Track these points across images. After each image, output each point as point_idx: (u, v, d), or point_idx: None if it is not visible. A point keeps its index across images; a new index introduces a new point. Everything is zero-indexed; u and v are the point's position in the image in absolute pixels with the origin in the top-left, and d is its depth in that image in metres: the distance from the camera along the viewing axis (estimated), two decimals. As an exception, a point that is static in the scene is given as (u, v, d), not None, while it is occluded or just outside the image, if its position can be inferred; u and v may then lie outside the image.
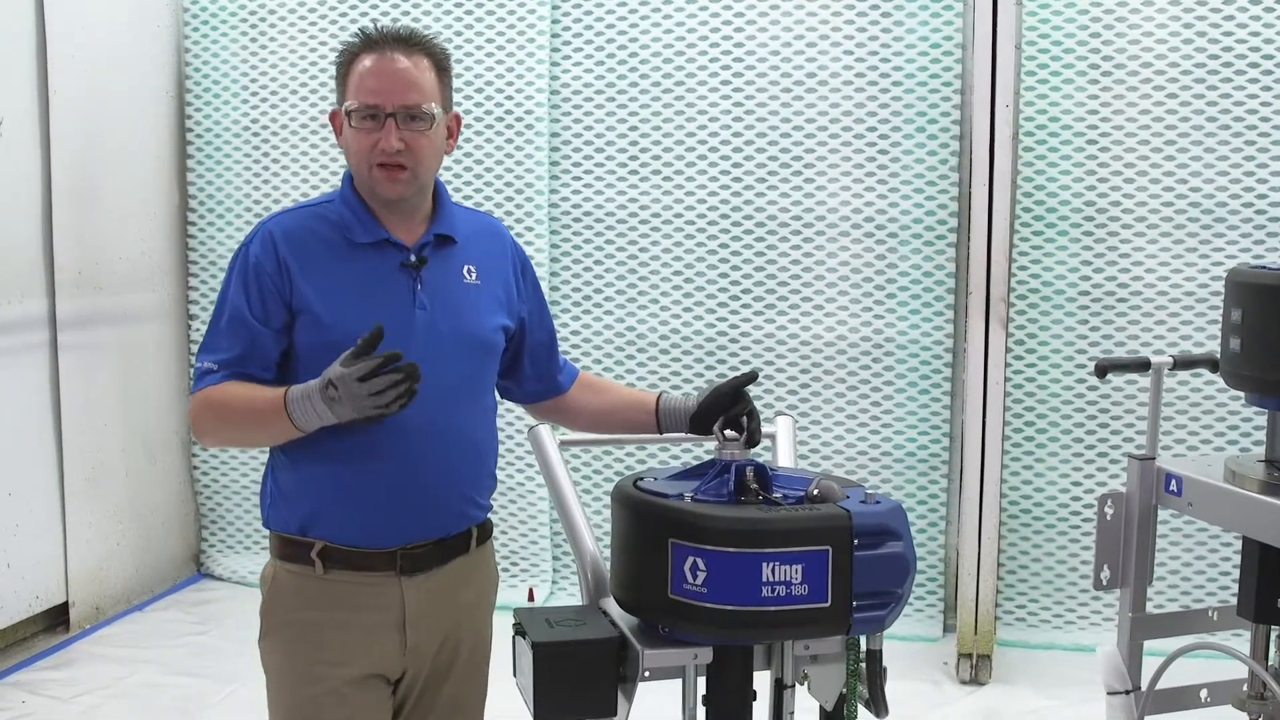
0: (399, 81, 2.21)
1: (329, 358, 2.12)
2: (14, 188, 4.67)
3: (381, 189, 2.24)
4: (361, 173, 2.25)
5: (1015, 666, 4.67)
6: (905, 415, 5.01)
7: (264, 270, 2.22)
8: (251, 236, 2.28)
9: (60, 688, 4.41)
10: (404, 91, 2.21)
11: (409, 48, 2.25)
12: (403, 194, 2.25)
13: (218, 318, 2.27)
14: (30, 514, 4.73)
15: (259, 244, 2.25)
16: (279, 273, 2.22)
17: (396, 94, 2.20)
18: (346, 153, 2.29)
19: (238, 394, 2.20)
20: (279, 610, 2.31)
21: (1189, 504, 2.56)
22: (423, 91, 2.23)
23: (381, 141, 2.20)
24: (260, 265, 2.23)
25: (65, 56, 4.83)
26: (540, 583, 5.34)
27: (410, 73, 2.22)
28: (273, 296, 2.22)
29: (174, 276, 5.61)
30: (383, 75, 2.21)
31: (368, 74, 2.22)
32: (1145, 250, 4.77)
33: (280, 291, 2.22)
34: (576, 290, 5.29)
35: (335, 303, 2.22)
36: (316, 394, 2.07)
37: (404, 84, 2.21)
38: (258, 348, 2.23)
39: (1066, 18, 4.73)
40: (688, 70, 5.10)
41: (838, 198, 5.00)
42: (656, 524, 2.03)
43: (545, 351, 2.53)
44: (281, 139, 5.52)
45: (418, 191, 2.29)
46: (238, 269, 2.26)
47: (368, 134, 2.21)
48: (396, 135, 2.20)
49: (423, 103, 2.22)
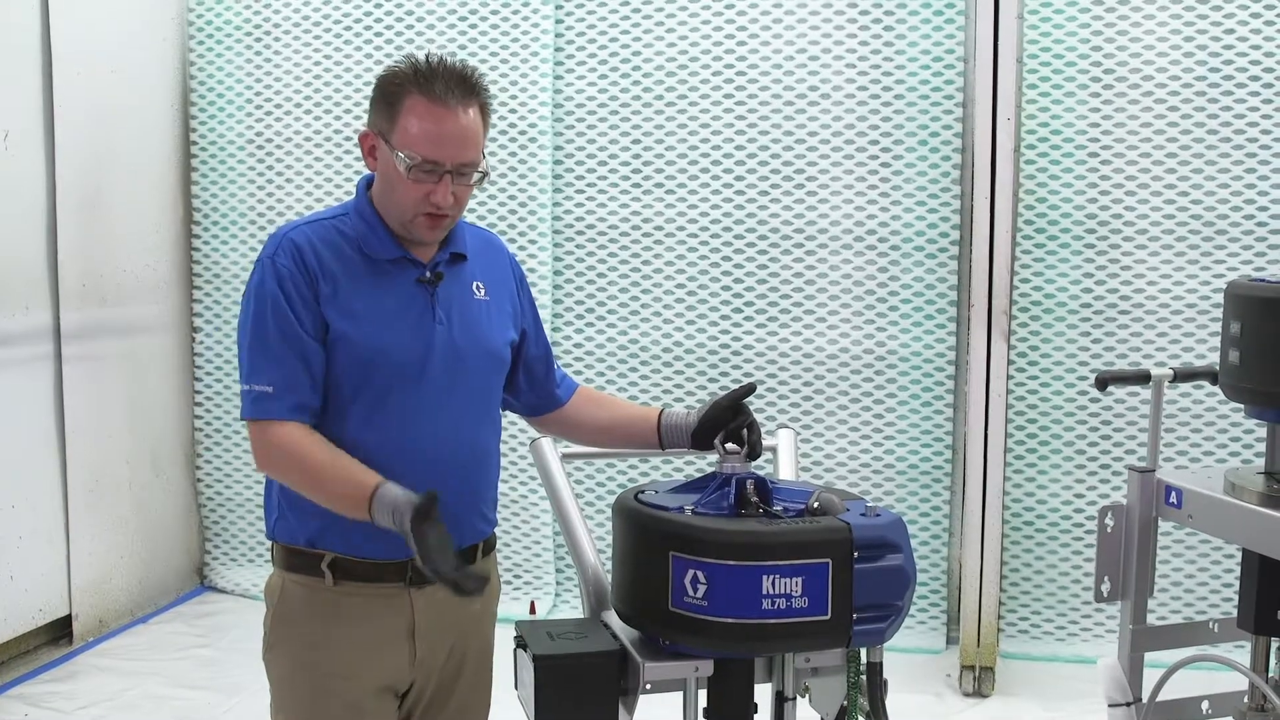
0: (460, 140, 2.18)
1: (353, 375, 2.18)
2: (19, 200, 4.69)
3: (422, 234, 2.23)
4: (405, 217, 2.22)
5: (1018, 678, 4.67)
6: (907, 427, 5.02)
7: (299, 280, 2.19)
8: (273, 248, 2.23)
9: (63, 701, 4.41)
10: (463, 150, 2.18)
11: (464, 96, 2.18)
12: (439, 238, 2.27)
13: (260, 334, 2.19)
14: (34, 526, 4.74)
15: (286, 255, 2.21)
16: (310, 283, 2.19)
17: (456, 152, 2.17)
18: (388, 190, 2.23)
19: (325, 461, 2.15)
20: (286, 622, 2.31)
21: (1189, 516, 2.56)
22: (478, 147, 2.21)
23: (436, 195, 2.17)
24: (294, 275, 2.19)
25: (71, 69, 4.86)
26: (543, 596, 5.34)
27: (470, 130, 2.19)
28: (312, 306, 2.19)
29: (178, 289, 5.63)
30: (445, 133, 2.16)
31: (429, 126, 2.16)
32: (1147, 262, 4.77)
33: (317, 299, 2.19)
34: (580, 303, 5.30)
35: (360, 319, 2.21)
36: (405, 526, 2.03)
37: (464, 143, 2.18)
38: (311, 365, 2.18)
39: (1068, 31, 4.74)
40: (691, 83, 5.11)
41: (840, 210, 5.02)
42: (657, 537, 2.04)
43: (542, 365, 2.54)
44: (286, 152, 5.54)
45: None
46: (270, 282, 2.20)
47: (421, 185, 2.18)
48: (450, 189, 2.18)
49: (478, 160, 2.21)
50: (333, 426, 2.22)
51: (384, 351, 2.19)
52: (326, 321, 2.19)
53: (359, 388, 2.21)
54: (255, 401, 2.18)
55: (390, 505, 2.07)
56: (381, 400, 2.21)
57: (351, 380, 2.19)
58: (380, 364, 2.20)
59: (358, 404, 2.22)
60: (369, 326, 2.21)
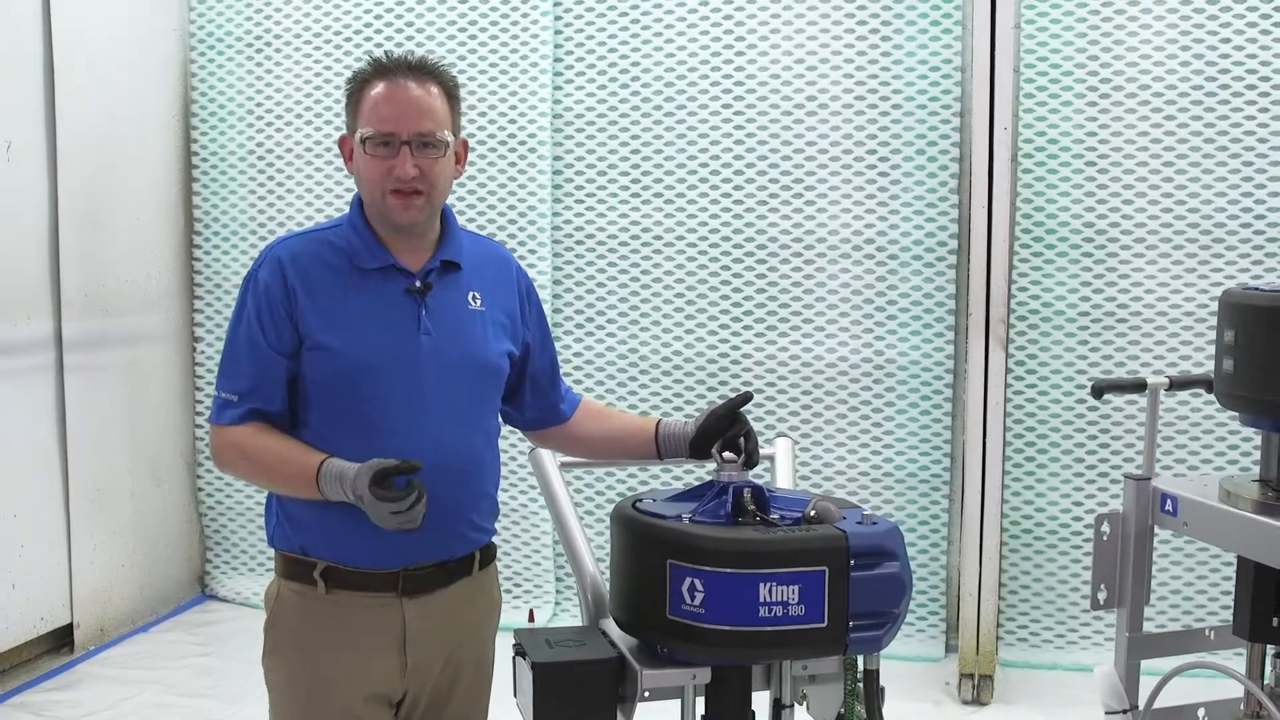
0: (413, 109, 2.24)
1: (335, 385, 2.21)
2: (21, 210, 4.70)
3: (396, 215, 2.26)
4: (375, 199, 2.28)
5: (1017, 686, 4.68)
6: (906, 436, 5.03)
7: (274, 296, 2.25)
8: (260, 262, 2.30)
9: (65, 709, 4.42)
10: (418, 119, 2.23)
11: (421, 75, 2.27)
12: (416, 219, 2.28)
13: (233, 345, 2.29)
14: (35, 535, 4.76)
15: (267, 269, 2.27)
16: (288, 298, 2.25)
17: (411, 121, 2.23)
18: (358, 179, 2.31)
19: (270, 448, 2.24)
20: (282, 628, 2.34)
21: (1184, 524, 2.58)
22: (436, 119, 2.26)
23: (397, 169, 2.22)
24: (270, 291, 2.25)
25: (72, 81, 4.88)
26: (543, 604, 5.35)
27: (424, 100, 2.25)
28: (284, 321, 2.25)
29: (179, 299, 5.64)
30: (397, 103, 2.23)
31: (381, 101, 2.24)
32: (1144, 270, 4.79)
33: (290, 316, 2.25)
34: (579, 312, 5.31)
35: (342, 330, 2.25)
36: (349, 491, 2.12)
37: (418, 111, 2.24)
38: (273, 377, 2.25)
39: (1065, 40, 4.76)
40: (689, 94, 5.13)
41: (838, 220, 5.03)
42: (654, 545, 2.05)
43: (547, 379, 2.55)
44: (286, 163, 5.56)
45: (430, 217, 2.32)
46: (249, 296, 2.28)
47: (382, 161, 2.24)
48: (411, 162, 2.22)
49: (436, 130, 2.25)
50: (316, 436, 2.25)
51: (365, 362, 2.23)
52: (302, 334, 2.25)
53: (341, 398, 2.24)
54: (220, 409, 2.29)
55: (337, 476, 2.14)
56: (364, 410, 2.24)
57: (334, 390, 2.23)
58: (362, 374, 2.23)
59: (340, 414, 2.25)
60: (350, 337, 2.24)
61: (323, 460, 2.18)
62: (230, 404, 2.26)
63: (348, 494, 2.13)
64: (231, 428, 2.26)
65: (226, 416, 2.27)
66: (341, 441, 2.22)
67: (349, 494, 2.12)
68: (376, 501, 2.07)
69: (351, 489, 2.11)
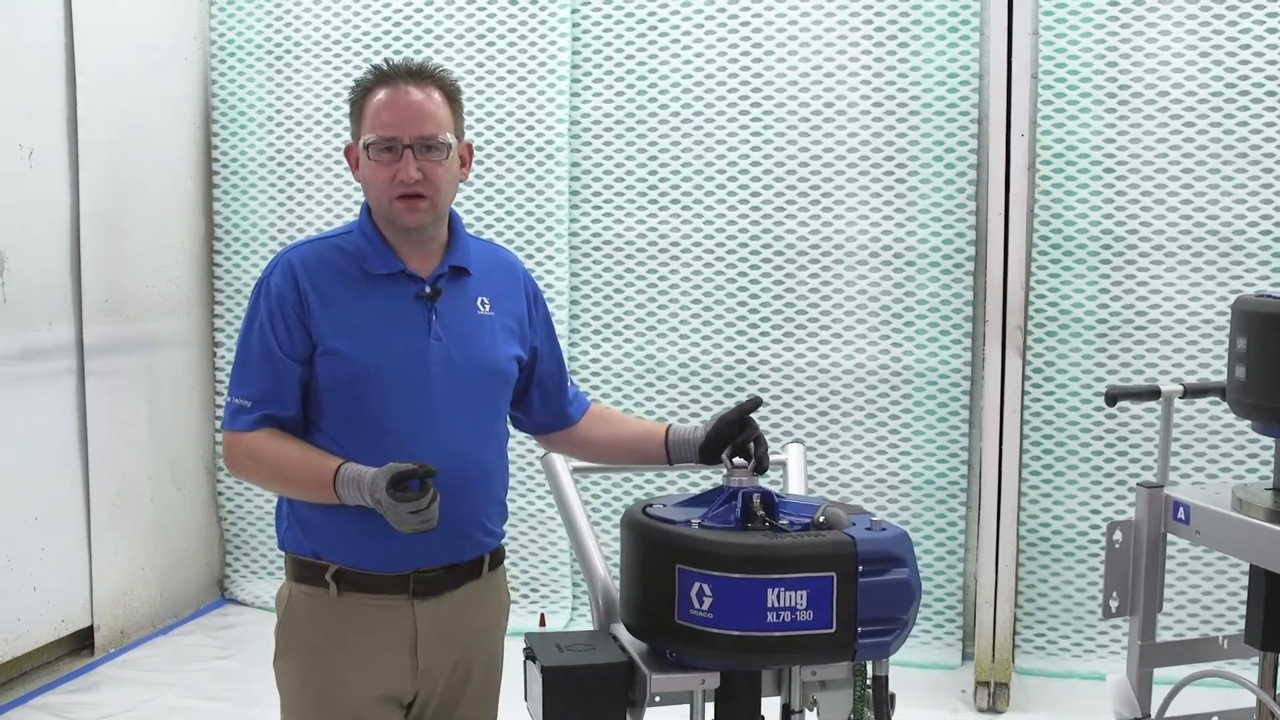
0: (414, 113, 2.27)
1: (347, 390, 2.23)
2: (43, 216, 4.74)
3: (402, 219, 2.29)
4: (381, 205, 2.31)
5: (1033, 694, 4.66)
6: (923, 443, 5.02)
7: (286, 301, 2.27)
8: (271, 268, 2.33)
9: (85, 711, 4.46)
10: (419, 123, 2.27)
11: (420, 80, 2.31)
12: (422, 222, 2.30)
13: (245, 351, 2.32)
14: (56, 538, 4.79)
15: (279, 275, 2.30)
16: (300, 303, 2.27)
17: (412, 125, 2.26)
18: (365, 186, 2.34)
19: (284, 454, 2.26)
20: (293, 631, 2.36)
21: (1197, 532, 2.57)
22: (437, 122, 2.29)
23: (400, 172, 2.25)
24: (283, 296, 2.28)
25: (94, 88, 4.92)
26: (559, 609, 5.36)
27: (424, 104, 2.28)
28: (296, 327, 2.27)
29: (200, 304, 5.68)
30: (398, 108, 2.27)
31: (383, 107, 2.28)
32: (1162, 278, 4.77)
33: (303, 321, 2.27)
34: (596, 318, 5.32)
35: (353, 335, 2.27)
36: (367, 494, 2.15)
37: (419, 115, 2.27)
38: (286, 382, 2.27)
39: (1082, 47, 4.75)
40: (707, 100, 5.14)
41: (856, 226, 5.03)
42: (664, 550, 2.06)
43: (555, 383, 2.56)
44: (306, 169, 5.59)
45: (435, 220, 2.34)
46: (262, 302, 2.31)
47: (386, 166, 2.27)
48: (415, 165, 2.25)
49: (438, 133, 2.28)
50: (328, 440, 2.27)
51: (375, 367, 2.25)
52: (315, 340, 2.27)
53: (353, 403, 2.26)
54: (233, 414, 2.30)
55: (354, 480, 2.16)
56: (374, 415, 2.26)
57: (345, 395, 2.26)
58: (372, 379, 2.25)
59: (352, 418, 2.27)
60: (361, 342, 2.26)
61: (339, 465, 2.20)
62: (244, 410, 2.28)
63: (365, 498, 2.15)
64: (245, 434, 2.28)
65: (240, 422, 2.28)
66: (353, 445, 2.24)
67: (367, 498, 2.14)
68: (395, 504, 2.09)
69: (369, 493, 2.13)
